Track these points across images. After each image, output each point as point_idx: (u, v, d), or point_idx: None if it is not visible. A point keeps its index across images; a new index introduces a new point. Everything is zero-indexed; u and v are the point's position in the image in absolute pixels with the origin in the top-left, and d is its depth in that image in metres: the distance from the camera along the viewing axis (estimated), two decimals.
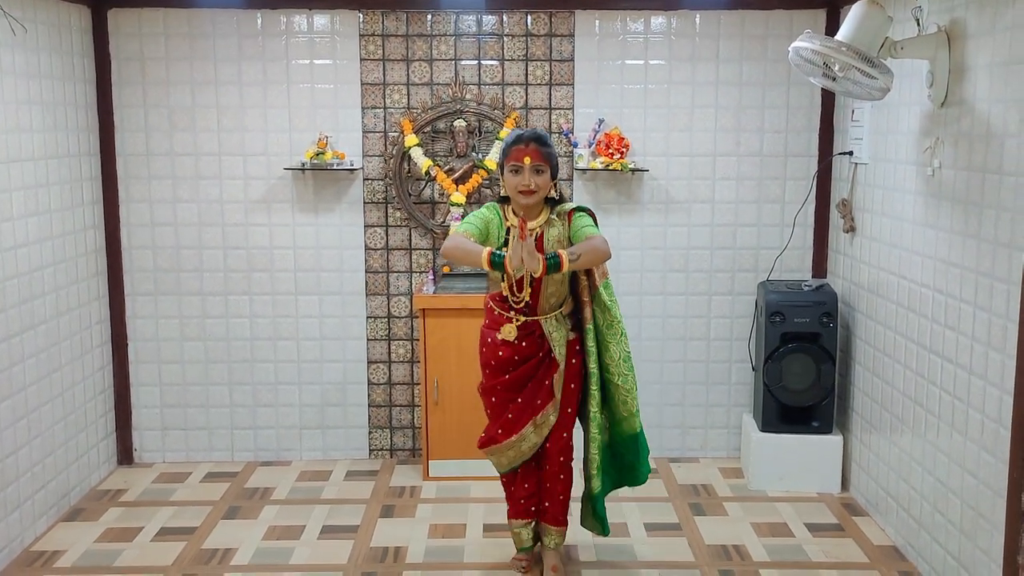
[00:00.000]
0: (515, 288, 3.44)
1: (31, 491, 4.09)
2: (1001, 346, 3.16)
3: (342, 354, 4.99)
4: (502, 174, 3.40)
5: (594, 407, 3.53)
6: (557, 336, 3.49)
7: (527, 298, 3.43)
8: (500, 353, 3.50)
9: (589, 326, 3.50)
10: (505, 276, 3.38)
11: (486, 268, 3.19)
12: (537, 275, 3.15)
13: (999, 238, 3.18)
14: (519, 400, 3.52)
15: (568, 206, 3.49)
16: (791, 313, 4.48)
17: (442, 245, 3.29)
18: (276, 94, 4.78)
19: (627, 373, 3.51)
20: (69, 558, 3.94)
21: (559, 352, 3.49)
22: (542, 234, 3.41)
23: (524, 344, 3.48)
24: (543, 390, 3.49)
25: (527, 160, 3.30)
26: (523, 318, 3.47)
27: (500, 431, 3.55)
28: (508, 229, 3.37)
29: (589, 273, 3.50)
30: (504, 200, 3.49)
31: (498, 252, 3.18)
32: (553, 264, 3.16)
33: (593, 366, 3.51)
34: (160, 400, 4.99)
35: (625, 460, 3.68)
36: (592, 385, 3.52)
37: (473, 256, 3.20)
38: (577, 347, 3.55)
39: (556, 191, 3.45)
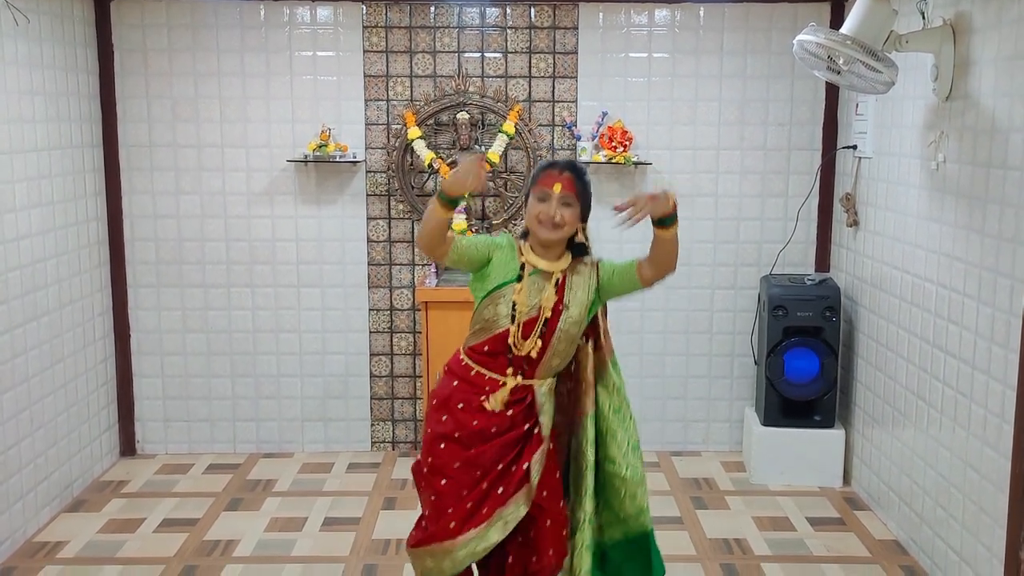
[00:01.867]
0: (519, 335, 2.78)
1: (34, 482, 4.10)
2: (1004, 341, 3.16)
3: (344, 346, 4.99)
4: (525, 202, 2.88)
5: (588, 507, 2.87)
6: (547, 409, 2.85)
7: (533, 351, 2.78)
8: (474, 423, 2.78)
9: (590, 413, 2.88)
10: (513, 316, 2.77)
11: (439, 208, 2.65)
12: (475, 189, 2.63)
13: (1003, 233, 3.17)
14: (483, 486, 2.76)
15: (594, 256, 2.93)
16: (794, 307, 4.47)
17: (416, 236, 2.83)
18: (279, 85, 4.77)
19: (636, 464, 2.90)
20: (72, 549, 3.94)
21: (546, 427, 2.83)
22: (564, 279, 2.82)
23: (509, 413, 2.79)
24: (513, 476, 2.77)
25: (557, 188, 2.76)
26: (518, 379, 2.81)
27: (453, 524, 2.73)
28: (523, 265, 2.81)
29: (598, 346, 2.93)
30: (524, 236, 2.90)
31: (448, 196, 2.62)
32: (670, 216, 2.66)
33: (591, 455, 2.87)
34: (162, 392, 4.99)
35: (626, 570, 2.97)
36: (588, 479, 2.87)
37: (429, 209, 2.67)
38: (553, 431, 2.90)
39: (584, 235, 2.86)
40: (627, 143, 4.69)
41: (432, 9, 4.73)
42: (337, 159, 4.70)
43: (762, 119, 4.80)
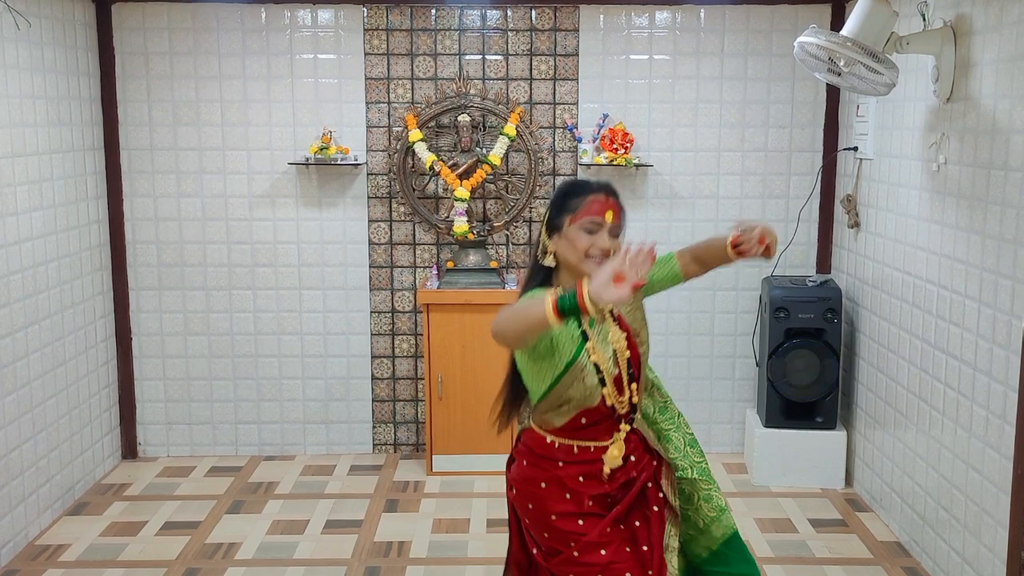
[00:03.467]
0: (615, 393, 2.39)
1: (36, 485, 4.10)
2: (1006, 342, 3.16)
3: (346, 349, 4.99)
4: (552, 231, 2.40)
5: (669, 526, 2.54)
6: (650, 432, 2.58)
7: (635, 397, 2.43)
8: (596, 489, 2.40)
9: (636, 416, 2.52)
10: (602, 379, 2.36)
11: (552, 320, 2.04)
12: (627, 299, 1.98)
13: (1004, 234, 3.17)
14: (627, 550, 2.39)
15: None
16: (795, 309, 4.47)
17: (493, 324, 2.20)
18: (280, 89, 4.77)
19: (700, 460, 2.61)
20: (74, 552, 3.95)
21: (660, 448, 2.55)
22: (619, 313, 2.47)
23: (623, 464, 2.43)
24: (655, 516, 2.45)
25: (609, 216, 2.35)
26: (626, 428, 2.42)
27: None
28: (578, 320, 2.34)
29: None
30: (544, 282, 2.44)
31: (567, 296, 2.03)
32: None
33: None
34: (164, 395, 4.99)
35: None
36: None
37: (532, 311, 2.08)
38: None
39: None
40: (628, 145, 4.69)
41: (433, 12, 4.73)
42: (338, 162, 4.70)
43: (763, 121, 4.80)
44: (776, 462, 4.60)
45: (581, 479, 2.40)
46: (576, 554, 2.37)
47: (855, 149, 4.51)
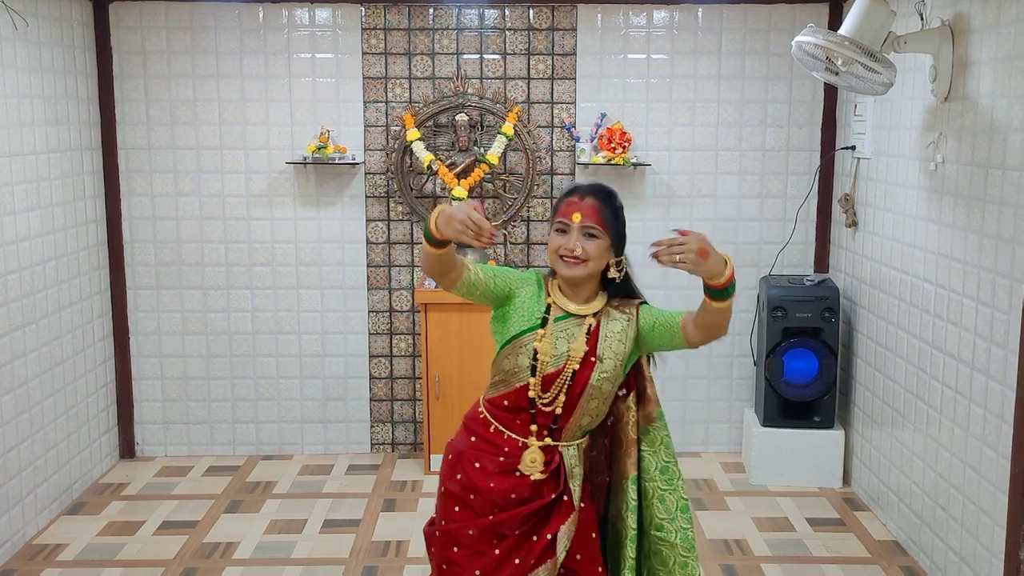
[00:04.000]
0: (539, 388, 2.41)
1: (33, 485, 4.10)
2: (1003, 341, 3.16)
3: (344, 348, 4.99)
4: (550, 234, 2.48)
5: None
6: (577, 473, 2.49)
7: (559, 408, 2.42)
8: (491, 484, 2.43)
9: (632, 476, 2.49)
10: (534, 367, 2.40)
11: (426, 243, 2.28)
12: (475, 245, 2.22)
13: (1002, 233, 3.18)
14: (496, 552, 2.42)
15: (636, 300, 2.55)
16: (793, 308, 4.47)
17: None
18: (278, 88, 4.77)
19: (687, 527, 2.50)
20: (71, 551, 3.94)
21: (576, 494, 2.47)
22: (597, 327, 2.44)
23: (532, 478, 2.44)
24: (534, 546, 2.41)
25: (576, 217, 2.37)
26: (542, 441, 2.44)
27: None
28: (548, 307, 2.44)
29: (642, 399, 2.53)
30: (553, 274, 2.51)
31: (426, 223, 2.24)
32: (727, 288, 2.28)
33: (633, 524, 2.48)
34: (162, 394, 4.99)
35: None
36: (628, 550, 2.48)
37: (424, 249, 2.32)
38: (587, 488, 2.54)
39: (618, 271, 2.46)
40: (626, 144, 4.69)
41: (431, 11, 4.73)
42: (336, 161, 4.70)
43: (761, 120, 4.80)
44: (774, 461, 4.61)
45: (476, 465, 2.46)
46: (438, 534, 2.49)
47: (853, 148, 4.51)
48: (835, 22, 4.58)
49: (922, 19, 3.66)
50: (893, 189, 4.08)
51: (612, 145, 4.67)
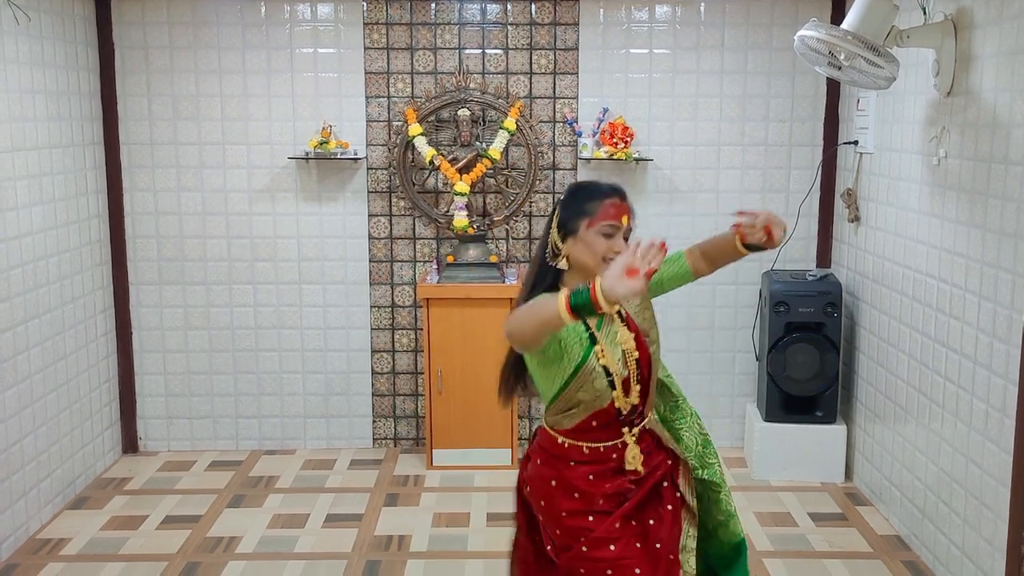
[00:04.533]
0: (623, 396, 2.39)
1: (37, 479, 4.11)
2: (1006, 336, 3.16)
3: (346, 343, 5.00)
4: (566, 235, 2.39)
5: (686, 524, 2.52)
6: (667, 434, 2.55)
7: (637, 400, 2.41)
8: (607, 486, 2.40)
9: (651, 415, 2.52)
10: (612, 382, 2.35)
11: (565, 316, 2.03)
12: (638, 293, 1.97)
13: (1005, 228, 3.17)
14: (637, 545, 2.38)
15: None
16: (795, 303, 4.47)
17: (506, 324, 2.23)
18: (280, 83, 4.77)
19: (713, 462, 2.57)
20: (75, 546, 3.95)
21: (678, 449, 2.52)
22: (627, 314, 2.47)
23: (636, 469, 2.44)
24: (663, 525, 2.42)
25: (626, 220, 2.37)
26: (636, 430, 2.43)
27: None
28: (585, 323, 2.35)
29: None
30: (554, 284, 2.40)
31: (580, 291, 2.02)
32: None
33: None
34: (165, 389, 5.00)
35: None
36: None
37: (545, 309, 2.09)
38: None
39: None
40: (628, 139, 4.68)
41: (433, 6, 4.73)
42: (338, 156, 4.70)
43: (763, 115, 4.80)
44: (776, 456, 4.61)
45: (591, 477, 2.40)
46: (585, 549, 2.36)
47: (855, 143, 4.51)
48: (838, 17, 4.57)
49: (925, 13, 3.65)
50: (896, 184, 4.07)
51: (614, 140, 4.67)
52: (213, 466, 4.84)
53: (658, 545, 2.39)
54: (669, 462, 2.49)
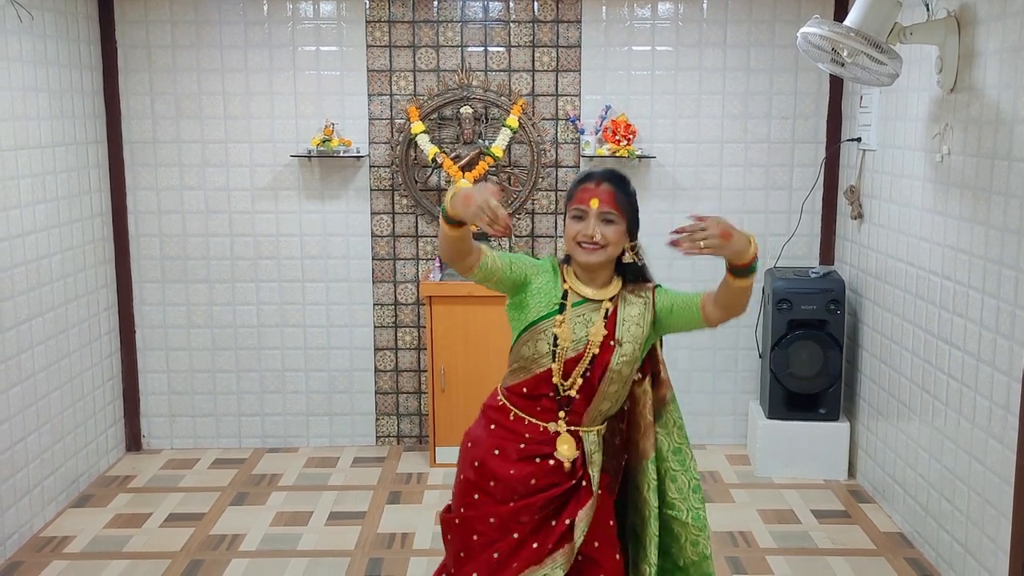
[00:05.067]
0: (560, 374, 2.43)
1: (40, 477, 4.11)
2: (1009, 333, 3.16)
3: (349, 341, 5.00)
4: (565, 222, 2.51)
5: (654, 558, 2.52)
6: (597, 459, 2.50)
7: (574, 392, 2.44)
8: (511, 472, 2.44)
9: (652, 456, 2.53)
10: (555, 353, 2.42)
11: (443, 225, 2.26)
12: (489, 232, 2.19)
13: (1008, 225, 3.17)
14: (514, 536, 2.44)
15: (652, 281, 2.58)
16: (798, 300, 4.47)
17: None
18: (282, 81, 4.77)
19: (698, 507, 2.58)
20: (78, 544, 3.96)
21: (595, 480, 2.49)
22: (614, 312, 2.47)
23: (551, 463, 2.45)
24: (552, 530, 2.44)
25: (594, 204, 2.40)
26: (565, 423, 2.46)
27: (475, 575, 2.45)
28: (565, 293, 2.46)
29: (657, 381, 2.59)
30: (567, 260, 2.54)
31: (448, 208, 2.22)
32: (750, 266, 2.37)
33: (655, 502, 2.52)
34: (168, 387, 5.00)
35: None
36: (652, 527, 2.52)
37: (442, 229, 2.30)
38: (605, 477, 2.55)
39: (636, 255, 2.50)
40: (631, 137, 4.68)
41: (435, 3, 4.73)
42: (341, 154, 4.70)
43: (766, 112, 4.79)
44: (779, 453, 4.61)
45: (496, 452, 2.46)
46: (457, 521, 2.50)
47: (858, 140, 4.50)
48: (841, 13, 4.56)
49: (928, 10, 3.64)
50: (899, 181, 4.07)
51: (617, 137, 4.66)
52: (216, 464, 4.85)
53: (535, 544, 2.43)
54: (583, 484, 2.46)
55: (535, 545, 2.42)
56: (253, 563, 3.80)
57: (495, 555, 2.42)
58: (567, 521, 2.42)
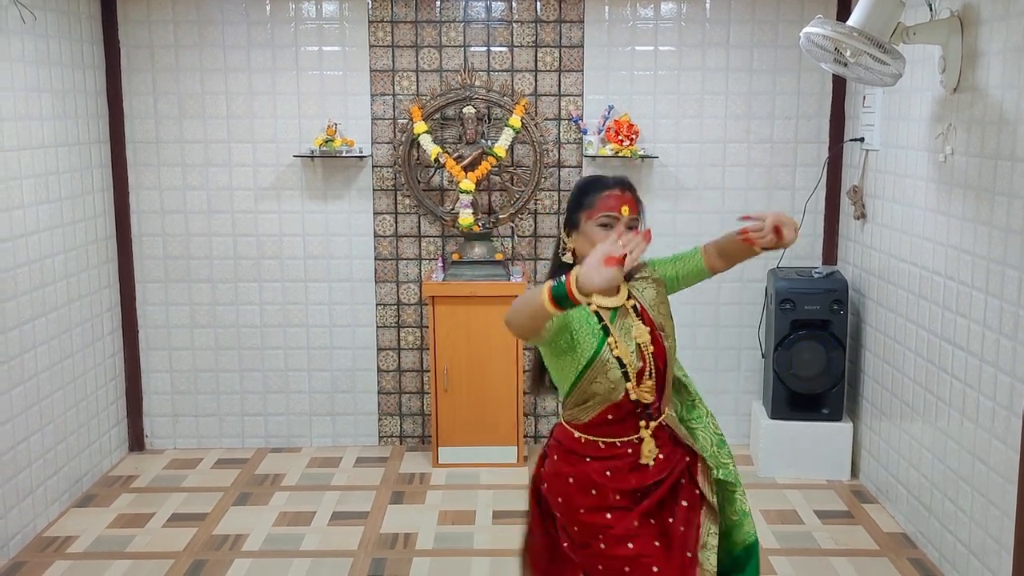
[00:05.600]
0: (636, 388, 2.37)
1: (44, 477, 4.12)
2: (1012, 333, 3.15)
3: (352, 341, 5.00)
4: (571, 230, 2.43)
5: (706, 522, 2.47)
6: (683, 431, 2.50)
7: (651, 395, 2.39)
8: (624, 483, 2.38)
9: (668, 411, 2.50)
10: (626, 374, 2.35)
11: (549, 307, 2.06)
12: (616, 282, 2.01)
13: (1011, 225, 3.16)
14: (656, 544, 2.35)
15: (641, 264, 2.56)
16: (801, 300, 4.46)
17: (507, 314, 2.24)
18: (285, 81, 4.77)
19: (727, 461, 2.54)
20: (82, 543, 3.96)
21: (694, 444, 2.48)
22: (641, 306, 2.44)
23: (653, 461, 2.40)
24: (686, 530, 2.39)
25: (625, 211, 2.36)
26: (653, 425, 2.41)
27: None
28: (598, 314, 2.37)
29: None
30: (559, 271, 2.42)
31: (561, 280, 2.05)
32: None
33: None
34: (171, 387, 5.01)
35: None
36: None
37: (533, 300, 2.11)
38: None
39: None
40: (633, 137, 4.68)
41: (438, 3, 4.73)
42: (343, 154, 4.70)
43: (769, 112, 4.79)
44: (782, 454, 4.60)
45: (608, 473, 2.38)
46: (603, 547, 2.36)
47: (861, 140, 4.50)
48: (844, 13, 4.56)
49: (931, 10, 3.64)
50: (902, 181, 4.06)
51: (620, 137, 4.66)
52: (219, 464, 4.85)
53: (682, 528, 2.38)
54: (687, 459, 2.47)
55: (682, 529, 2.37)
56: (256, 563, 3.80)
57: (655, 569, 2.33)
58: (682, 503, 2.40)
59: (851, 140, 4.64)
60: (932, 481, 3.78)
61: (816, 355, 4.48)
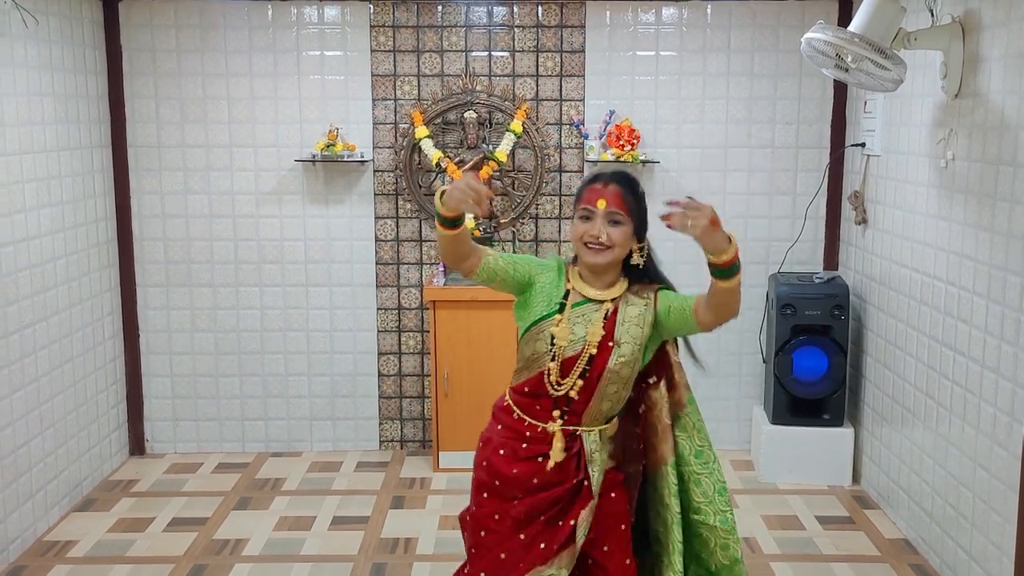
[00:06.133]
0: (558, 373, 2.45)
1: (44, 481, 4.11)
2: (1014, 339, 3.15)
3: (352, 345, 5.00)
4: (573, 222, 2.54)
5: (678, 564, 2.49)
6: (598, 459, 2.50)
7: (574, 392, 2.45)
8: (513, 471, 2.49)
9: (671, 461, 2.54)
10: (553, 352, 2.44)
11: (437, 226, 2.37)
12: (477, 212, 2.28)
13: (1013, 230, 3.16)
14: (521, 537, 2.48)
15: (655, 285, 2.57)
16: (802, 305, 4.46)
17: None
18: (287, 85, 4.78)
19: (725, 509, 2.55)
20: (82, 548, 3.96)
21: (596, 481, 2.48)
22: (615, 312, 2.47)
23: (548, 465, 2.48)
24: (558, 531, 2.46)
25: (601, 204, 2.43)
26: (559, 425, 2.47)
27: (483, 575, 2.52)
28: (567, 292, 2.49)
29: (672, 385, 2.59)
30: (575, 260, 2.56)
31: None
32: (731, 266, 2.29)
33: (677, 507, 2.52)
34: (171, 391, 5.01)
35: None
36: (675, 534, 2.50)
37: (439, 233, 2.39)
38: (617, 478, 2.57)
39: (642, 257, 2.52)
40: (635, 141, 4.68)
41: (439, 8, 4.73)
42: (345, 159, 4.70)
43: (770, 117, 4.79)
44: (783, 459, 4.60)
45: (501, 452, 2.52)
46: (468, 518, 2.59)
47: (862, 145, 4.50)
48: (845, 19, 4.56)
49: (932, 15, 3.64)
50: (903, 186, 4.06)
51: (621, 142, 4.67)
52: (219, 468, 4.85)
53: (542, 545, 2.46)
54: (584, 484, 2.47)
55: (542, 545, 2.45)
56: (256, 568, 3.79)
57: (502, 555, 2.48)
58: (571, 522, 2.45)
59: (852, 145, 4.64)
60: (933, 487, 3.78)
61: (817, 360, 4.48)
